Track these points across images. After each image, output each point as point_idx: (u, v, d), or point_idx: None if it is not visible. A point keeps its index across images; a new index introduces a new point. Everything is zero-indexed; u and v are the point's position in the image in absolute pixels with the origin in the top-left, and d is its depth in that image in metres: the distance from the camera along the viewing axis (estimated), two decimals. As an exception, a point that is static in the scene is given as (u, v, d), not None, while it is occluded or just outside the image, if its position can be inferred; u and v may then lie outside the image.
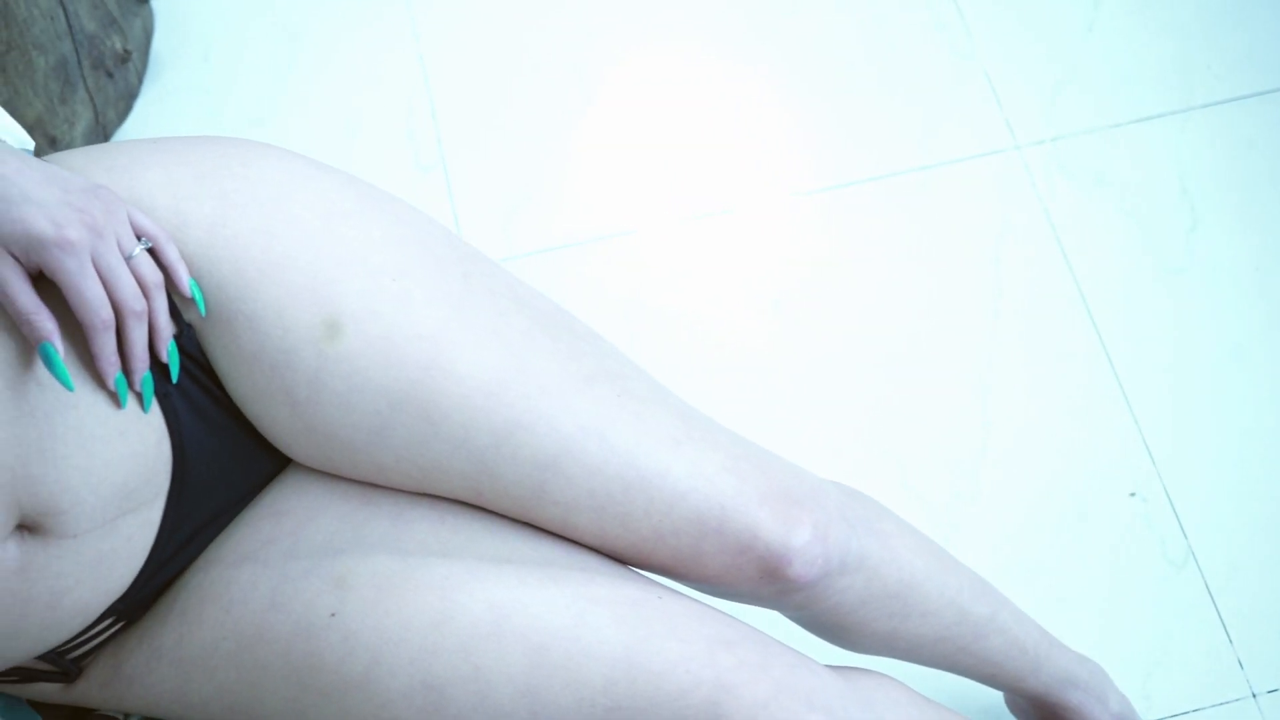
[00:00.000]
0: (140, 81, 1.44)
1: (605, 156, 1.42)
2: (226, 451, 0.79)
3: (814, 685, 0.76)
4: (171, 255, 0.72)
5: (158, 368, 0.74)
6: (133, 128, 1.42)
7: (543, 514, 0.78)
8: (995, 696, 1.16)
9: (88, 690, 0.81)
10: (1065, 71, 1.44)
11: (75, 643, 0.78)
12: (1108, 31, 1.46)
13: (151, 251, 0.72)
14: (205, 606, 0.77)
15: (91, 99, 1.35)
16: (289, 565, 0.76)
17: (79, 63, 1.30)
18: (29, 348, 0.69)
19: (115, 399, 0.72)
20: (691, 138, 1.43)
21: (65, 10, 1.25)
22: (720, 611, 0.79)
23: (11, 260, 0.68)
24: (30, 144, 0.74)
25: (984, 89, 1.44)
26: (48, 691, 0.82)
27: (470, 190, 1.39)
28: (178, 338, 0.75)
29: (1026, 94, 1.43)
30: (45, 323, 0.67)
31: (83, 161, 0.76)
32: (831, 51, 1.47)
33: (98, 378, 0.71)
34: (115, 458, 0.72)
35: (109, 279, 0.69)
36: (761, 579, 0.81)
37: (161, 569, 0.79)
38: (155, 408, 0.74)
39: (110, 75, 1.36)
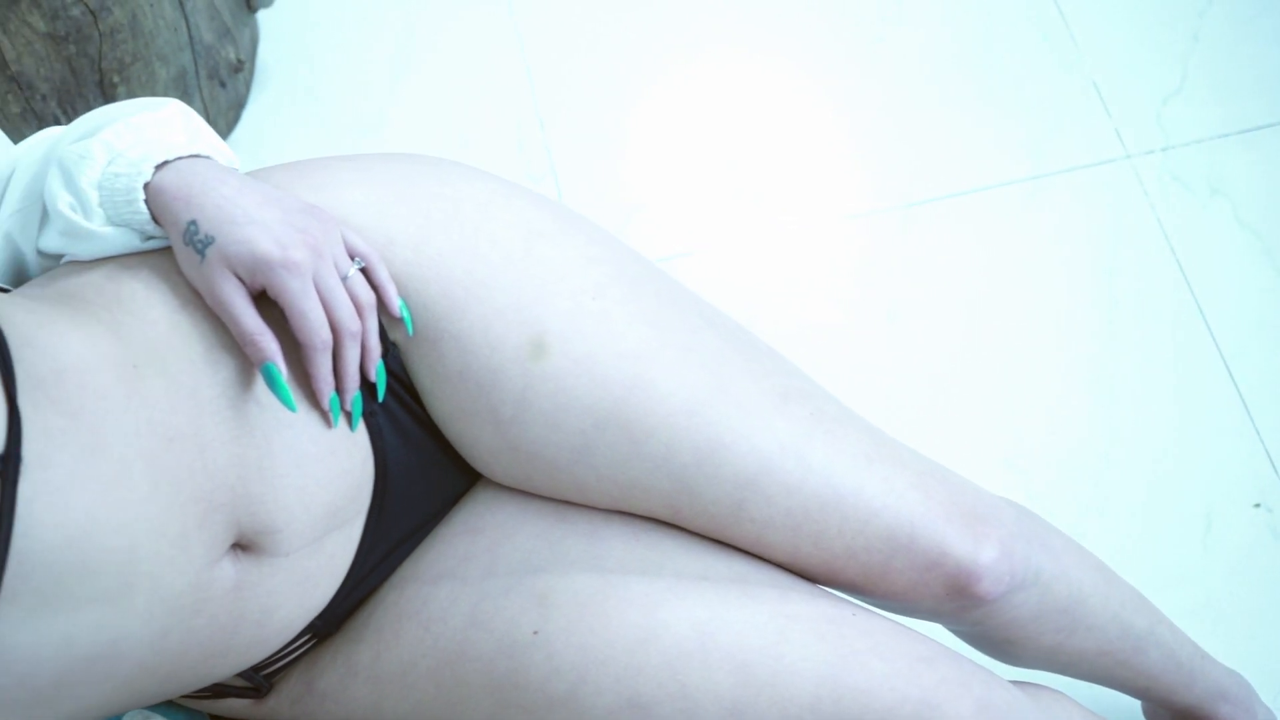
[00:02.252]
0: (248, 91, 1.44)
1: (716, 165, 1.42)
2: (424, 469, 0.79)
3: (1010, 701, 0.76)
4: (383, 275, 0.72)
5: (364, 386, 0.74)
6: (241, 137, 1.42)
7: (738, 531, 0.78)
8: (1131, 705, 1.16)
9: (278, 706, 0.81)
10: (1174, 80, 1.44)
11: (272, 659, 0.78)
12: (1214, 40, 1.46)
13: (363, 271, 0.72)
14: (403, 623, 0.77)
15: (206, 109, 1.35)
16: (488, 583, 0.76)
17: (197, 73, 1.31)
18: (248, 368, 0.70)
19: (327, 418, 0.72)
20: (803, 149, 1.43)
21: (187, 21, 1.26)
22: (911, 628, 0.80)
23: (236, 281, 0.68)
24: (236, 160, 0.74)
25: (1092, 99, 1.44)
26: (236, 708, 0.82)
27: (581, 201, 1.39)
28: (384, 357, 0.75)
29: (1135, 103, 1.43)
30: (269, 344, 0.68)
31: (283, 179, 0.77)
32: (939, 63, 1.47)
33: (311, 397, 0.71)
34: (326, 476, 0.72)
35: (328, 300, 0.69)
36: (947, 595, 0.81)
37: (358, 586, 0.79)
38: (361, 426, 0.74)
39: (223, 85, 1.37)
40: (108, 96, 1.22)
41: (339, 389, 0.71)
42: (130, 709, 0.73)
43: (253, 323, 0.68)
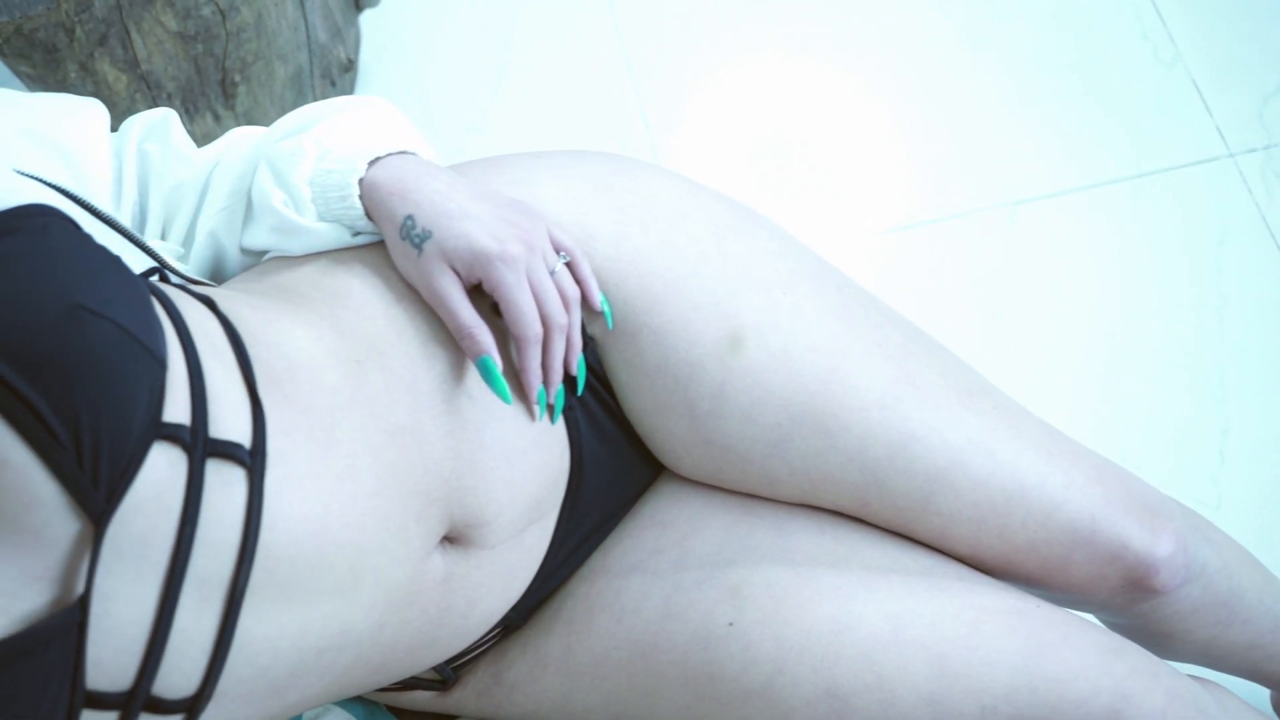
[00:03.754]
0: (352, 90, 1.45)
1: (823, 163, 1.43)
2: (615, 463, 0.80)
3: (1194, 693, 0.77)
4: (586, 270, 0.73)
5: (564, 380, 0.75)
6: (347, 136, 1.43)
7: (923, 525, 0.79)
8: (1255, 692, 1.17)
9: (463, 698, 0.82)
10: (1275, 79, 1.45)
11: (464, 651, 0.79)
12: (1313, 39, 1.47)
13: (568, 266, 0.73)
14: (594, 616, 0.78)
15: (317, 108, 1.36)
16: (680, 575, 0.77)
17: (311, 72, 1.32)
18: (461, 361, 0.71)
19: (532, 411, 0.73)
20: (908, 149, 1.44)
21: (306, 20, 1.26)
22: (1093, 621, 0.80)
23: (453, 274, 0.69)
24: (435, 155, 0.75)
25: (1192, 97, 1.45)
26: (420, 700, 0.83)
27: (687, 198, 1.40)
28: (583, 351, 0.76)
29: (1236, 101, 1.44)
30: (486, 337, 0.69)
31: (480, 174, 0.77)
32: (1039, 62, 1.48)
33: (518, 390, 0.72)
34: (531, 469, 0.73)
35: (540, 293, 0.70)
36: (1123, 588, 0.81)
37: (549, 579, 0.80)
38: (560, 420, 0.75)
39: (334, 84, 1.38)
40: (228, 96, 1.23)
41: (545, 382, 0.72)
42: (335, 701, 0.74)
43: (470, 316, 0.68)
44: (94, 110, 0.74)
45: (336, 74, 1.37)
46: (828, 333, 0.77)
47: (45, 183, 0.65)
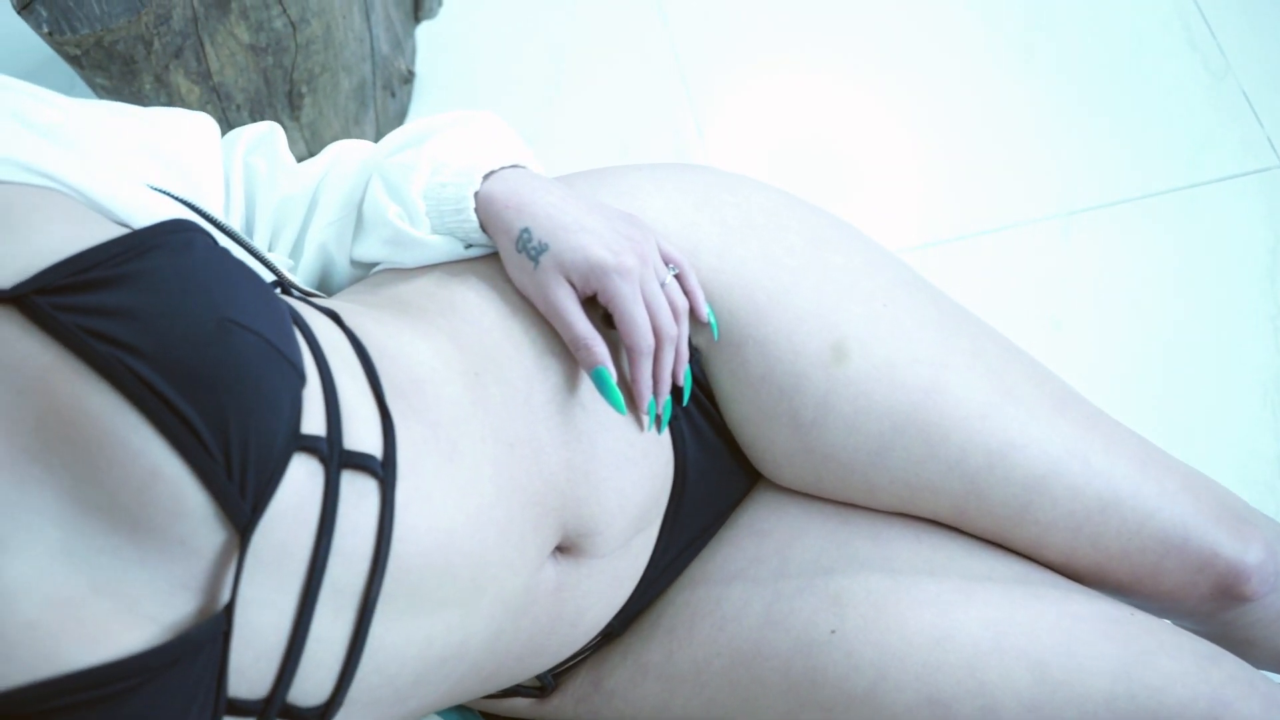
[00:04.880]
0: (409, 101, 1.46)
1: (874, 174, 1.44)
2: (716, 472, 0.81)
3: (1288, 700, 0.78)
4: (694, 282, 0.74)
5: (671, 391, 0.76)
6: (404, 146, 1.44)
7: (1019, 533, 0.80)
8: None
9: (561, 705, 0.83)
10: (1325, 90, 1.46)
11: (568, 659, 0.80)
12: (1362, 50, 1.48)
13: (676, 277, 0.74)
14: (696, 623, 0.79)
15: (377, 118, 1.37)
16: (780, 583, 0.78)
17: (374, 83, 1.33)
18: (574, 373, 0.72)
19: (640, 422, 0.74)
20: (960, 161, 1.45)
21: (371, 33, 1.28)
22: (1185, 628, 0.81)
23: (569, 287, 0.70)
24: (541, 167, 0.76)
25: (1242, 107, 1.46)
26: (519, 707, 0.83)
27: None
28: (689, 361, 0.77)
29: (1287, 112, 1.45)
30: (601, 349, 0.70)
31: (584, 186, 0.79)
32: (1089, 73, 1.49)
33: (628, 401, 0.73)
34: (640, 478, 0.74)
35: (652, 305, 0.71)
36: (1212, 595, 0.82)
37: (650, 587, 0.80)
38: (665, 429, 0.76)
39: (393, 95, 1.39)
40: (294, 107, 1.24)
41: (655, 392, 0.73)
42: (446, 709, 0.75)
43: (586, 328, 0.69)
44: (206, 124, 0.75)
45: (396, 85, 1.39)
46: (927, 343, 0.78)
47: (174, 197, 0.66)
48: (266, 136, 0.78)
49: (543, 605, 0.71)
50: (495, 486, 0.66)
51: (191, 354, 0.54)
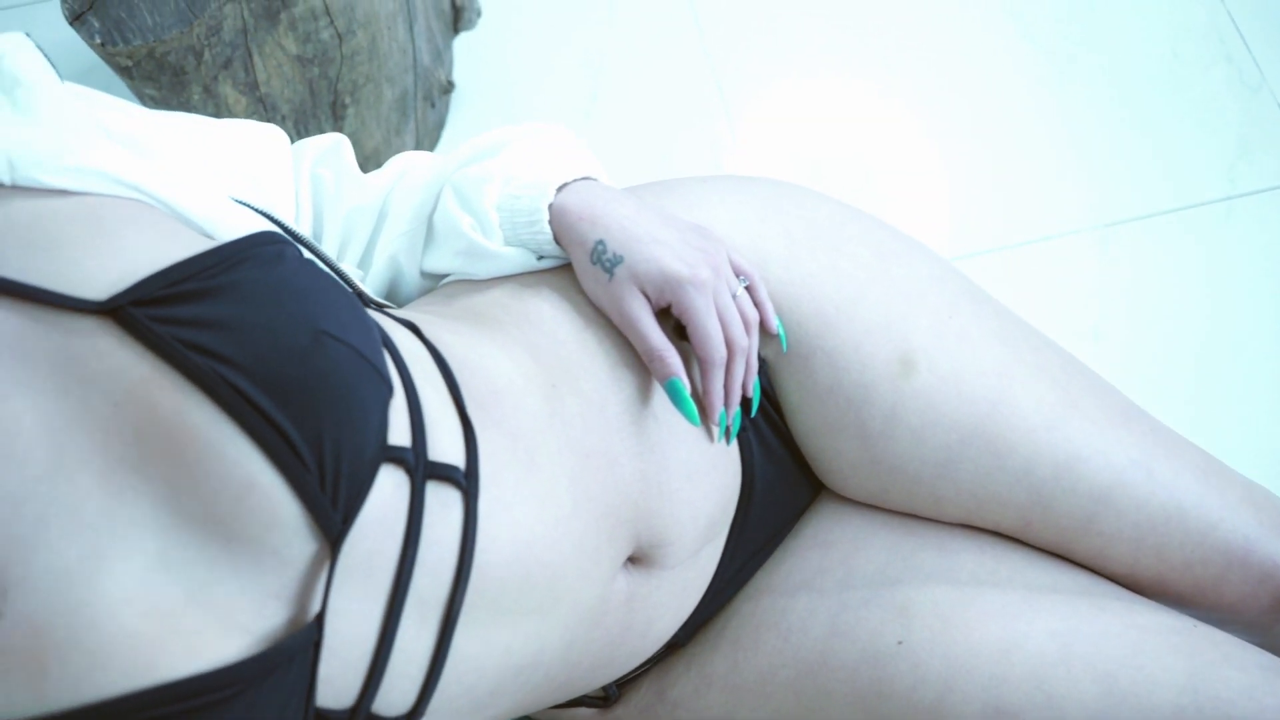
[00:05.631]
0: (448, 111, 1.47)
1: (908, 186, 1.44)
2: (782, 483, 0.81)
3: (1352, 713, 0.78)
4: (764, 294, 0.75)
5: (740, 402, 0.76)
6: (442, 157, 1.45)
7: (1083, 545, 0.80)
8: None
9: (625, 715, 0.83)
10: (1361, 103, 1.47)
11: (633, 669, 0.80)
12: (1397, 63, 1.48)
13: (747, 289, 0.74)
14: (761, 633, 0.79)
15: (418, 129, 1.37)
16: (846, 594, 0.78)
17: (415, 94, 1.33)
18: (646, 384, 0.72)
19: (712, 433, 0.74)
20: (996, 172, 1.45)
21: (414, 44, 1.28)
22: (1247, 640, 0.81)
23: (643, 298, 0.70)
24: (610, 179, 0.77)
25: (1277, 119, 1.46)
26: (582, 716, 0.84)
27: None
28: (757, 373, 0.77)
29: (1323, 125, 1.46)
30: (675, 360, 0.70)
31: (652, 198, 0.79)
32: (1126, 85, 1.49)
33: (700, 412, 0.73)
34: (710, 489, 0.74)
35: (725, 317, 0.71)
36: (1274, 607, 0.82)
37: (715, 598, 0.81)
38: (734, 441, 0.76)
39: (433, 106, 1.39)
40: (337, 117, 1.25)
41: (725, 404, 0.73)
42: (516, 718, 0.75)
43: (661, 339, 0.70)
44: (277, 136, 0.75)
45: (436, 96, 1.39)
46: (993, 355, 0.78)
47: (253, 208, 0.67)
48: (333, 148, 0.78)
49: (614, 616, 0.72)
50: (572, 498, 0.66)
51: (287, 366, 0.54)
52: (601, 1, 1.56)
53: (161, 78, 1.09)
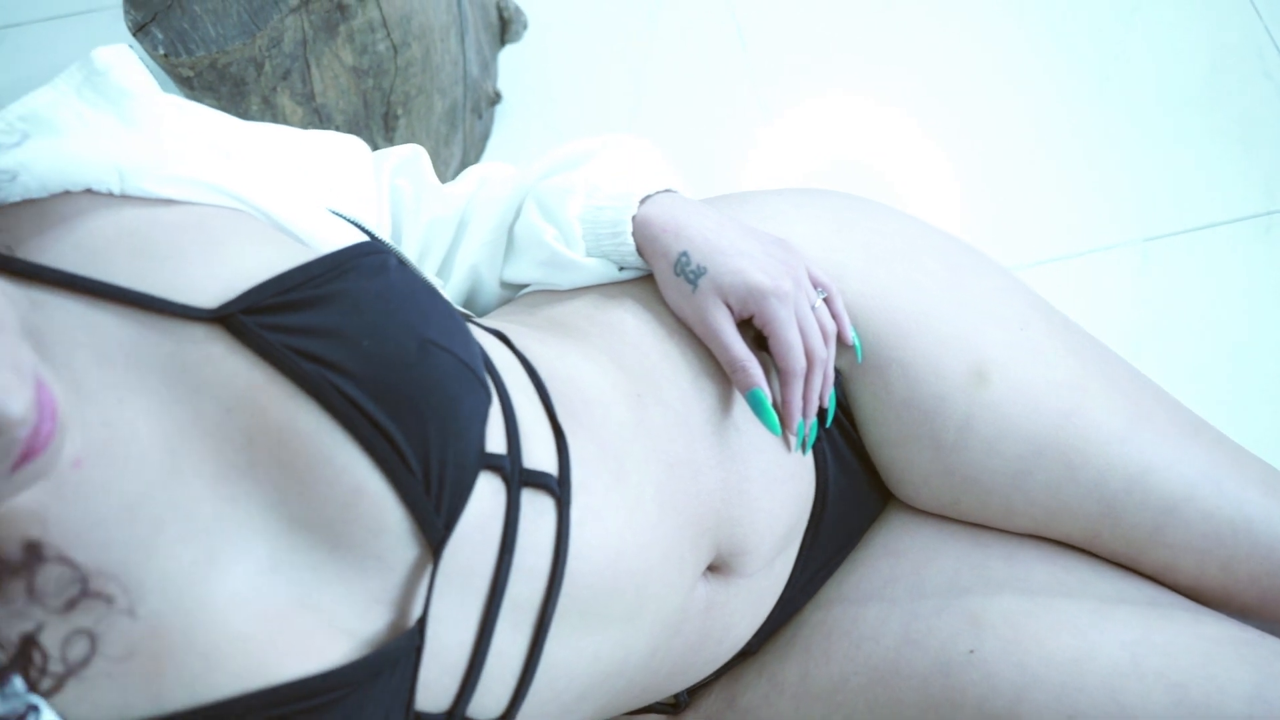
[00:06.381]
0: (493, 122, 1.48)
1: (947, 201, 1.45)
2: (853, 493, 0.82)
3: None
4: (841, 306, 0.76)
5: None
6: (487, 168, 1.46)
7: (1150, 556, 0.80)
8: None
9: (692, 721, 0.83)
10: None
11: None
12: None
13: (825, 301, 0.75)
14: (832, 642, 0.80)
15: (465, 140, 1.39)
16: (917, 603, 0.79)
17: (464, 105, 1.34)
18: (727, 394, 0.73)
19: (790, 443, 0.75)
20: (1035, 186, 1.46)
21: (465, 55, 1.29)
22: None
23: (726, 310, 0.71)
24: (689, 190, 0.78)
25: (1318, 136, 1.47)
26: (649, 721, 0.84)
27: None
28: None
29: (1362, 141, 1.47)
30: (758, 371, 0.71)
31: (728, 210, 0.80)
32: (1163, 100, 1.50)
33: (779, 422, 0.74)
34: (787, 499, 0.75)
35: (805, 329, 0.72)
36: (1340, 620, 0.83)
37: (786, 606, 0.81)
38: (810, 451, 0.77)
39: (480, 117, 1.40)
40: (389, 129, 1.26)
41: (804, 414, 0.74)
42: (592, 723, 0.76)
43: (743, 350, 0.71)
44: (359, 147, 0.76)
45: (483, 107, 1.40)
46: (1064, 368, 0.79)
47: (345, 219, 0.68)
48: (412, 158, 0.79)
49: (694, 624, 0.72)
50: (658, 506, 0.67)
51: (395, 374, 0.55)
52: (644, 13, 1.57)
53: (221, 88, 1.10)
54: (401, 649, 0.56)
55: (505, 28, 1.40)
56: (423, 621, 0.56)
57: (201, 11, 1.06)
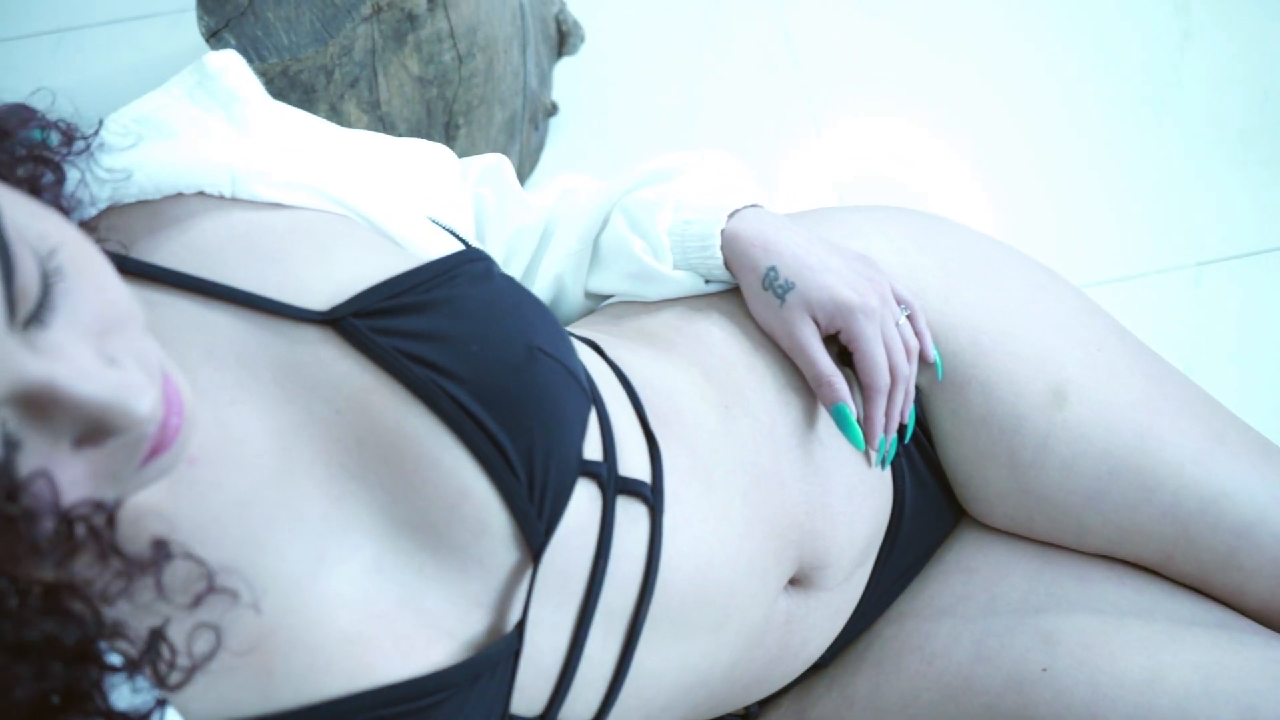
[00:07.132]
0: (548, 133, 1.49)
1: (1001, 223, 1.46)
2: (928, 509, 0.82)
3: None
4: (923, 323, 0.76)
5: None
6: (541, 179, 1.47)
7: (1221, 579, 0.81)
8: None
9: (763, 733, 0.84)
10: None
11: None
12: None
13: (908, 319, 0.76)
14: (904, 657, 0.80)
15: (521, 150, 1.40)
16: (990, 620, 0.79)
17: (522, 116, 1.36)
18: (812, 408, 0.73)
19: (870, 458, 0.75)
20: (1087, 209, 1.46)
21: (525, 67, 1.31)
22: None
23: (813, 324, 0.72)
24: (771, 205, 0.79)
25: (1370, 163, 1.47)
26: (721, 733, 0.85)
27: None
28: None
29: None
30: (843, 386, 0.72)
31: (810, 226, 0.81)
32: (1217, 125, 1.51)
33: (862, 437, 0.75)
34: (867, 513, 0.75)
35: (890, 345, 0.73)
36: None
37: (859, 620, 0.82)
38: (889, 466, 0.78)
39: (536, 128, 1.42)
40: (450, 138, 1.27)
41: (886, 430, 0.75)
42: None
43: (829, 365, 0.71)
44: (446, 155, 0.77)
45: (540, 118, 1.42)
46: (1140, 389, 0.79)
47: (442, 226, 0.69)
48: (496, 167, 0.81)
49: (775, 636, 0.73)
50: (745, 517, 0.68)
51: (503, 379, 0.56)
52: (699, 27, 1.58)
53: (291, 95, 1.11)
54: (501, 652, 0.56)
55: (563, 40, 1.42)
56: (521, 625, 0.57)
57: (275, 19, 1.07)
